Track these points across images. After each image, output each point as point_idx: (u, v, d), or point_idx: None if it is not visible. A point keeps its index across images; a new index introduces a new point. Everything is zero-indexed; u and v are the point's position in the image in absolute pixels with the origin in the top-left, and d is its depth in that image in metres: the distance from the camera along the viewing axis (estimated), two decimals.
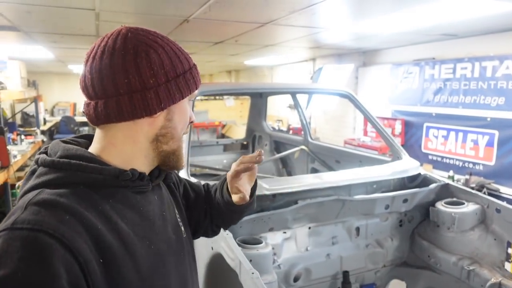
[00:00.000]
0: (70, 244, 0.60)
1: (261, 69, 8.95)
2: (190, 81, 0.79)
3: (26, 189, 0.69)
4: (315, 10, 2.79)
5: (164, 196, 0.91)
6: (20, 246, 0.57)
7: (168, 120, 0.78)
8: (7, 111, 7.26)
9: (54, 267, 0.57)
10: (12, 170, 3.73)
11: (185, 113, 0.82)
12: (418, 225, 2.31)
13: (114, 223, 0.70)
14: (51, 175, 0.69)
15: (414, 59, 4.81)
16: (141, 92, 0.72)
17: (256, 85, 3.81)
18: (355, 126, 5.97)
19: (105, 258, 0.65)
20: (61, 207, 0.64)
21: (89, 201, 0.68)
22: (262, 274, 1.48)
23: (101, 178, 0.71)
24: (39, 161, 0.73)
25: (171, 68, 0.76)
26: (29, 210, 0.62)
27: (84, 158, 0.72)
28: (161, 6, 2.73)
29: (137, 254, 0.72)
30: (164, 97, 0.75)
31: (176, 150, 0.82)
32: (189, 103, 0.84)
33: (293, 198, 1.99)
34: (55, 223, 0.61)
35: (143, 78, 0.72)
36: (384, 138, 2.62)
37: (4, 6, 2.63)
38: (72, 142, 0.80)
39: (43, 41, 4.38)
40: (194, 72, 0.81)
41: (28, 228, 0.59)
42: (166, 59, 0.75)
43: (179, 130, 0.82)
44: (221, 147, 4.55)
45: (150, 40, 0.75)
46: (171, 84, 0.76)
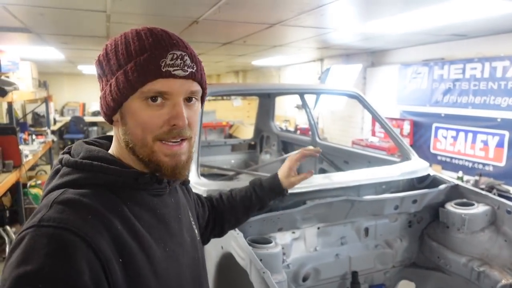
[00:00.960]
0: (92, 243, 0.62)
1: (269, 70, 8.96)
2: (133, 75, 0.69)
3: (50, 188, 0.71)
4: (324, 11, 2.79)
5: (181, 199, 0.93)
6: (46, 243, 0.59)
7: (124, 125, 0.74)
8: (18, 111, 7.36)
9: (78, 264, 0.59)
10: (24, 170, 3.79)
11: (137, 116, 0.71)
12: (427, 226, 2.30)
13: (132, 225, 0.71)
14: (74, 175, 0.71)
15: (423, 59, 4.79)
16: (102, 93, 0.76)
17: (264, 85, 3.83)
18: (363, 127, 5.96)
19: (124, 258, 0.67)
20: (84, 206, 0.66)
21: (110, 202, 0.70)
22: (272, 273, 1.49)
23: (121, 180, 0.73)
24: (63, 161, 0.75)
25: (115, 64, 0.72)
26: (54, 209, 0.64)
27: (105, 160, 0.74)
28: (170, 7, 2.76)
29: (154, 256, 0.73)
30: (108, 99, 0.73)
31: (149, 157, 0.73)
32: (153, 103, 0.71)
33: (302, 198, 1.99)
34: (79, 221, 0.63)
35: (102, 78, 0.75)
36: (392, 139, 2.61)
37: (17, 9, 2.68)
38: (94, 143, 0.82)
39: (54, 42, 4.45)
40: (130, 67, 0.69)
41: (54, 225, 0.61)
42: (112, 54, 0.73)
43: (138, 135, 0.72)
44: (229, 147, 4.57)
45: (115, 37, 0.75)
46: (113, 83, 0.72)
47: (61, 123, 9.41)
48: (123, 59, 0.70)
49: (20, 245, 0.60)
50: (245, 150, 4.66)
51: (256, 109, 4.50)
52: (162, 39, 0.72)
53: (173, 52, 0.71)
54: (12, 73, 4.47)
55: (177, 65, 0.71)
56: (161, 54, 0.70)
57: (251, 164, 4.41)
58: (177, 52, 0.71)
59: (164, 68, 0.69)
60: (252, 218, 1.81)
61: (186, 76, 0.72)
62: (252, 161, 4.50)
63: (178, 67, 0.71)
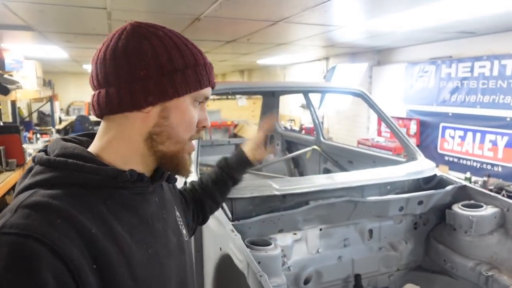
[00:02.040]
0: (60, 251, 0.57)
1: (274, 69, 8.91)
2: (192, 78, 0.73)
3: (20, 189, 0.67)
4: (328, 7, 2.74)
5: (166, 197, 0.88)
6: (6, 252, 0.54)
7: (163, 118, 0.73)
8: (24, 110, 7.40)
9: (42, 276, 0.54)
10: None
11: (186, 114, 0.75)
12: (433, 228, 2.23)
13: (110, 227, 0.66)
14: (47, 174, 0.66)
15: (430, 57, 4.71)
16: (129, 83, 0.70)
17: (268, 83, 3.78)
18: (368, 126, 5.88)
19: (98, 263, 0.62)
20: (53, 210, 0.60)
21: (84, 203, 0.65)
22: (271, 276, 1.45)
23: (98, 179, 0.68)
24: (36, 159, 0.70)
25: (167, 62, 0.71)
26: (19, 213, 0.59)
27: (81, 158, 0.69)
28: (172, 4, 2.72)
29: (133, 259, 0.68)
30: (154, 91, 0.70)
31: (176, 153, 0.76)
32: (197, 106, 0.78)
33: (304, 199, 1.95)
34: (45, 228, 0.58)
35: (132, 69, 0.70)
36: (398, 138, 2.55)
37: (17, 5, 2.66)
38: (73, 140, 0.77)
39: (58, 40, 4.44)
40: (200, 70, 0.75)
41: (16, 233, 0.56)
42: (162, 51, 0.71)
43: (180, 132, 0.75)
44: (233, 147, 4.53)
45: (149, 32, 0.72)
46: (165, 79, 0.71)
47: (66, 122, 9.46)
48: (190, 60, 0.74)
49: None
50: None
51: (261, 109, 4.46)
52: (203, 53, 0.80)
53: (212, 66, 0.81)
54: (16, 72, 4.47)
55: (214, 78, 0.82)
56: (211, 67, 0.80)
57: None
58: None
59: (212, 79, 0.80)
60: (251, 219, 1.77)
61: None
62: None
63: (214, 79, 0.82)
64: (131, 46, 0.70)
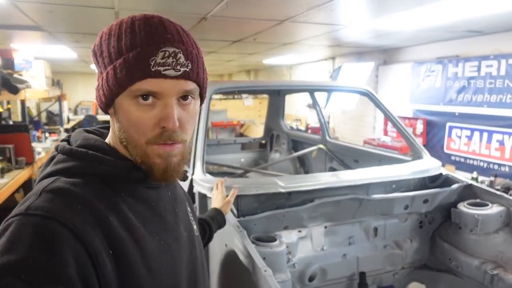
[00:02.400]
0: (80, 234, 0.60)
1: (280, 68, 8.92)
2: (110, 76, 0.66)
3: (43, 175, 0.70)
4: (333, 6, 2.74)
5: (178, 192, 0.90)
6: (32, 232, 0.57)
7: (118, 121, 0.70)
8: (33, 110, 7.49)
9: (64, 256, 0.57)
10: (36, 167, 3.83)
11: (128, 115, 0.68)
12: (439, 226, 2.23)
13: (125, 217, 0.69)
14: (68, 163, 0.69)
15: (436, 56, 4.68)
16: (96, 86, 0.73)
17: (274, 82, 3.79)
18: (375, 126, 5.87)
19: (114, 250, 0.64)
20: (74, 196, 0.64)
21: (102, 193, 0.68)
22: (276, 272, 1.46)
23: (115, 172, 0.70)
24: (59, 148, 0.73)
25: (106, 57, 0.68)
26: (43, 197, 0.62)
27: (101, 150, 0.71)
28: (178, 3, 2.75)
29: (147, 249, 0.70)
30: (100, 93, 0.70)
31: (141, 158, 0.70)
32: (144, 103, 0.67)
33: (309, 196, 1.96)
34: (67, 212, 0.61)
35: (97, 69, 0.72)
36: (404, 138, 2.55)
37: (27, 6, 2.71)
38: (95, 132, 0.80)
39: (66, 40, 4.50)
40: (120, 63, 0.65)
41: (41, 215, 0.59)
42: (104, 45, 0.69)
43: (133, 137, 0.69)
44: (239, 146, 4.55)
45: (112, 25, 0.71)
46: (104, 77, 0.68)
47: (74, 121, 9.54)
48: (114, 53, 0.66)
49: (6, 233, 0.58)
50: (255, 148, 4.64)
51: (267, 108, 4.47)
52: (156, 33, 0.67)
53: (165, 49, 0.66)
54: (26, 72, 4.53)
55: (168, 64, 0.65)
56: (152, 52, 0.65)
57: (260, 162, 4.38)
58: (170, 49, 0.66)
59: (153, 68, 0.65)
60: (256, 216, 1.79)
61: (179, 76, 0.67)
62: (262, 160, 4.47)
63: (169, 66, 0.66)
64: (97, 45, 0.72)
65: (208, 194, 1.83)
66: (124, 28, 0.67)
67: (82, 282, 0.58)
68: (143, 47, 0.65)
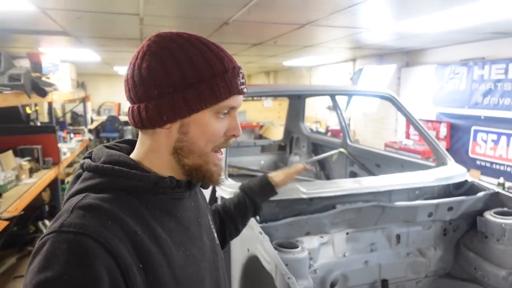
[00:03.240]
0: (112, 249, 0.61)
1: (300, 70, 8.89)
2: (207, 93, 0.71)
3: (72, 193, 0.72)
4: (356, 11, 2.73)
5: (200, 202, 0.92)
6: (66, 249, 0.59)
7: (183, 134, 0.74)
8: (58, 111, 7.72)
9: (98, 271, 0.59)
10: (62, 167, 3.95)
11: (206, 128, 0.74)
12: (464, 235, 2.19)
13: (153, 229, 0.71)
14: (95, 180, 0.71)
15: (461, 59, 4.57)
16: (146, 103, 0.73)
17: (294, 87, 3.78)
18: (396, 129, 5.78)
19: (144, 263, 0.66)
20: (104, 212, 0.66)
21: (130, 206, 0.70)
22: (298, 278, 1.47)
23: (141, 185, 0.72)
24: (84, 165, 0.75)
25: (179, 78, 0.71)
26: (75, 214, 0.64)
27: (126, 165, 0.73)
28: (201, 9, 2.78)
29: (174, 261, 0.72)
30: (167, 110, 0.71)
31: (200, 166, 0.76)
32: (222, 117, 0.76)
33: (331, 202, 1.95)
34: (98, 227, 0.62)
35: (147, 88, 0.72)
36: (427, 142, 2.51)
37: (56, 13, 2.80)
38: (114, 148, 0.82)
39: (91, 44, 4.62)
40: (217, 81, 0.72)
41: (74, 231, 0.61)
42: (173, 68, 0.71)
43: (201, 146, 0.75)
44: (259, 148, 4.56)
45: (162, 47, 0.72)
46: (177, 96, 0.71)
47: (97, 122, 9.77)
48: (206, 73, 0.72)
49: (41, 251, 0.60)
50: (274, 151, 4.64)
51: (286, 110, 4.47)
52: (230, 56, 0.77)
53: (241, 71, 0.78)
54: (53, 74, 4.68)
55: (244, 83, 0.78)
56: (238, 73, 0.76)
57: (280, 165, 4.38)
58: (242, 71, 0.78)
59: (240, 86, 0.76)
60: (279, 222, 1.79)
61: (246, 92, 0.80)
62: (281, 163, 4.47)
63: (244, 84, 0.78)
64: (144, 66, 0.72)
65: None
66: (204, 50, 0.73)
67: None
68: (231, 68, 0.75)
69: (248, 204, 1.23)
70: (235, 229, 1.22)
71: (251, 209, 1.23)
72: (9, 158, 2.73)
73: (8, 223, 2.14)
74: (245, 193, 1.24)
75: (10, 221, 2.16)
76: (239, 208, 1.22)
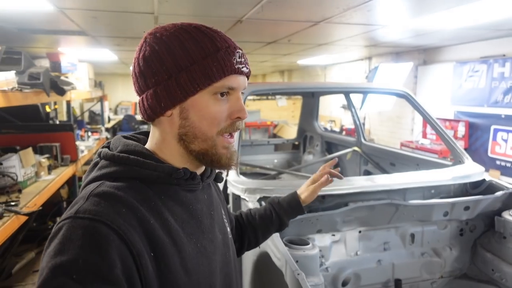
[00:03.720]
0: (125, 236, 0.63)
1: (314, 69, 8.83)
2: (199, 74, 0.71)
3: (88, 180, 0.74)
4: (371, 7, 2.69)
5: (213, 195, 0.92)
6: (81, 234, 0.61)
7: (184, 119, 0.74)
8: (76, 110, 7.88)
9: (111, 257, 0.60)
10: (80, 164, 4.03)
11: (206, 110, 0.74)
12: (481, 235, 2.13)
13: (165, 219, 0.71)
14: (111, 168, 0.73)
15: (481, 56, 4.46)
16: (146, 92, 0.75)
17: (308, 84, 3.77)
18: (413, 128, 5.67)
19: (155, 252, 0.67)
20: (119, 200, 0.67)
21: (143, 196, 0.71)
22: (309, 276, 1.46)
23: (155, 175, 0.73)
24: (101, 154, 0.77)
25: (172, 64, 0.72)
26: (90, 201, 0.66)
27: (141, 154, 0.75)
28: (215, 7, 2.80)
29: (185, 251, 0.73)
30: (163, 96, 0.73)
31: (207, 150, 0.76)
32: (222, 98, 0.75)
33: (343, 200, 1.94)
34: (113, 215, 0.64)
35: (146, 78, 0.74)
36: (445, 141, 2.46)
37: (73, 13, 2.86)
38: (132, 138, 0.84)
39: (108, 44, 4.70)
40: (209, 62, 0.72)
41: (89, 218, 0.63)
42: (165, 54, 0.72)
43: (203, 129, 0.75)
44: (272, 147, 4.56)
45: (155, 37, 0.74)
46: (171, 81, 0.72)
47: (114, 121, 9.93)
48: (198, 55, 0.72)
49: (58, 235, 0.62)
50: (288, 150, 4.63)
51: (300, 109, 4.45)
52: (226, 37, 0.76)
53: (238, 50, 0.76)
54: (71, 74, 4.78)
55: (242, 63, 0.76)
56: (232, 52, 0.74)
57: (294, 164, 4.37)
58: (240, 51, 0.76)
59: (236, 65, 0.74)
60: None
61: (247, 73, 0.78)
62: (295, 161, 4.46)
63: (243, 64, 0.76)
64: (141, 57, 0.74)
65: (241, 196, 1.85)
66: (195, 33, 0.73)
67: (127, 282, 0.61)
68: (225, 47, 0.74)
69: (274, 219, 1.19)
70: (255, 241, 1.19)
71: (276, 225, 1.20)
72: (29, 155, 2.79)
73: (27, 218, 2.19)
74: (272, 207, 1.21)
75: (29, 217, 2.22)
76: (263, 221, 1.19)
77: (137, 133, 0.89)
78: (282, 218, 1.20)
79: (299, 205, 1.22)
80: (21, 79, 2.79)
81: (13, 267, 2.74)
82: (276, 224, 1.20)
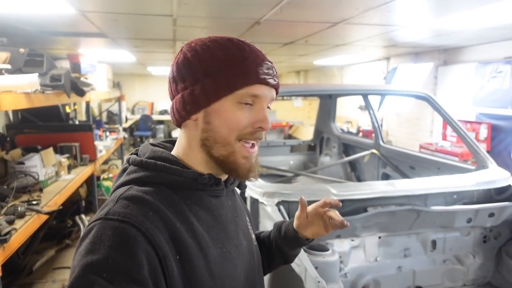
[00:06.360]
0: (151, 238, 0.65)
1: (331, 69, 8.75)
2: (222, 81, 0.74)
3: (117, 184, 0.77)
4: (391, 7, 2.64)
5: (237, 202, 0.93)
6: (111, 235, 0.63)
7: (207, 123, 0.76)
8: (95, 110, 8.02)
9: (139, 257, 0.62)
10: (98, 164, 4.10)
11: (227, 116, 0.75)
12: (506, 242, 2.07)
13: (190, 223, 0.73)
14: (139, 174, 0.76)
15: (504, 56, 4.34)
16: (176, 97, 0.79)
17: (325, 86, 3.72)
18: (432, 130, 5.56)
19: (181, 255, 0.69)
20: (146, 203, 0.69)
21: (170, 200, 0.73)
22: (328, 282, 1.44)
23: (181, 180, 0.76)
24: (130, 160, 0.81)
25: (199, 70, 0.75)
26: (120, 204, 0.68)
27: (167, 160, 0.77)
28: (233, 9, 2.79)
29: (210, 255, 0.74)
30: (188, 100, 0.76)
31: (226, 157, 0.76)
32: (244, 106, 0.75)
33: (362, 205, 1.90)
34: (140, 217, 0.66)
35: (176, 84, 0.78)
36: (466, 144, 2.39)
37: (94, 15, 2.91)
38: (159, 146, 0.87)
39: (127, 45, 4.76)
40: (234, 71, 0.74)
41: (119, 219, 0.65)
42: (195, 61, 0.76)
43: (223, 134, 0.76)
44: (288, 148, 4.54)
45: (190, 46, 0.78)
46: (197, 86, 0.75)
47: (131, 121, 10.07)
48: (224, 62, 0.74)
49: (89, 235, 0.64)
50: (304, 151, 4.60)
51: (317, 110, 4.41)
52: (255, 49, 0.79)
53: (267, 62, 0.78)
54: (90, 75, 4.86)
55: (269, 74, 0.77)
56: (259, 63, 0.76)
57: (310, 165, 4.34)
58: (269, 63, 0.78)
59: (261, 76, 0.76)
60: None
61: (274, 85, 0.79)
62: (311, 163, 4.42)
63: (270, 76, 0.78)
64: (175, 64, 0.79)
65: (259, 199, 1.84)
66: (225, 44, 0.77)
67: (153, 283, 0.63)
68: (252, 57, 0.76)
69: (274, 250, 1.05)
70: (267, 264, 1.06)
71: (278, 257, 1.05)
72: (50, 155, 2.85)
73: (48, 217, 2.24)
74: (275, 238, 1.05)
75: (50, 215, 2.26)
76: (265, 249, 1.06)
77: (164, 141, 0.91)
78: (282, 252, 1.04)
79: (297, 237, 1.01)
80: (43, 80, 2.85)
81: (34, 265, 2.80)
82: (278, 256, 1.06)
